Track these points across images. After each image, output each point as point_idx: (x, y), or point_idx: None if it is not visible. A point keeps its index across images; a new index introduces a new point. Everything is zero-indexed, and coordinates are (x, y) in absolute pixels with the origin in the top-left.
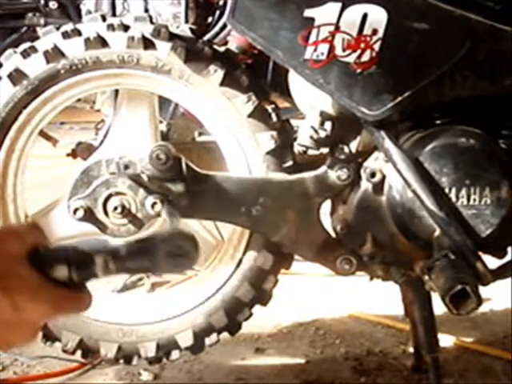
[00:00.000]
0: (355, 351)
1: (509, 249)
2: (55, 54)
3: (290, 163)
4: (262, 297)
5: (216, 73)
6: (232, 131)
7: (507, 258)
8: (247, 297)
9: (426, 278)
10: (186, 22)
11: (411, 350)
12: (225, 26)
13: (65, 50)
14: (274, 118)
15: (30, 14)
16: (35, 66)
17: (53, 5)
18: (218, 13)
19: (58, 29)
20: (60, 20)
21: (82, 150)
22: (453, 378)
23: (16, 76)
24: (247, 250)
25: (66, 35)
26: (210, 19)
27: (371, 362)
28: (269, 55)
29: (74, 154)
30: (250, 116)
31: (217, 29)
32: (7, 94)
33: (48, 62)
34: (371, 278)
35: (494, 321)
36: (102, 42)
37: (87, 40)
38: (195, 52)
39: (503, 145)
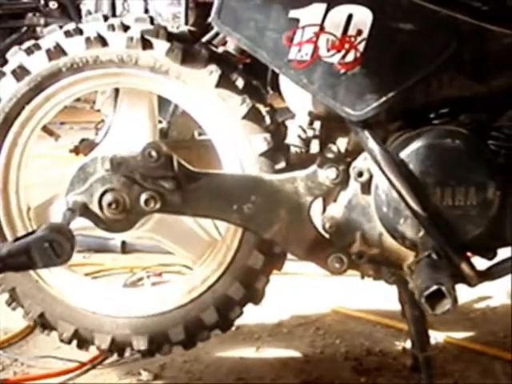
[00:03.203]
0: (355, 351)
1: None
2: (57, 52)
3: (282, 165)
4: (253, 296)
5: (212, 74)
6: (226, 132)
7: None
8: (238, 295)
9: (408, 278)
10: (186, 22)
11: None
12: None
13: (66, 48)
14: (268, 121)
15: (30, 14)
16: (38, 63)
17: (53, 5)
18: None
19: (61, 28)
20: (60, 20)
21: (84, 147)
22: (453, 378)
23: (19, 72)
24: (239, 250)
25: (68, 34)
26: (210, 19)
27: (371, 362)
28: (255, 55)
29: (76, 150)
30: (244, 118)
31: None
32: (11, 89)
33: (50, 59)
34: (362, 277)
35: (493, 320)
36: (102, 42)
37: (88, 39)
38: (192, 53)
39: (491, 145)
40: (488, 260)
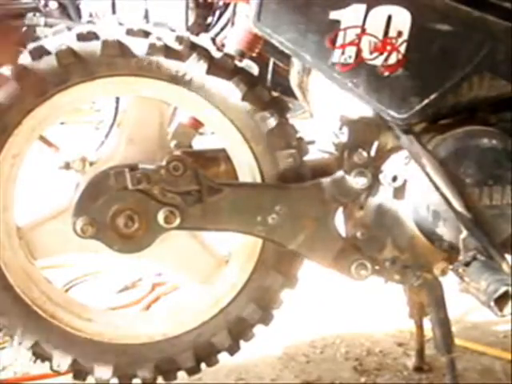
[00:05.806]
0: (355, 351)
1: None
2: (68, 55)
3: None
4: (266, 318)
5: (238, 87)
6: (250, 147)
7: None
8: (253, 317)
9: (461, 280)
10: (186, 21)
11: (411, 350)
12: (225, 26)
13: (80, 52)
14: (294, 136)
15: (30, 14)
16: (46, 68)
17: (53, 5)
18: (218, 13)
19: (69, 29)
20: (60, 20)
21: (75, 163)
22: None
23: (24, 77)
24: (255, 270)
25: (81, 37)
26: (209, 19)
27: (371, 362)
28: (298, 58)
29: (67, 167)
30: (269, 133)
31: (217, 29)
32: (13, 95)
33: (60, 63)
34: (386, 282)
35: (494, 321)
36: (121, 47)
37: (104, 43)
38: (217, 63)
39: None
40: None
